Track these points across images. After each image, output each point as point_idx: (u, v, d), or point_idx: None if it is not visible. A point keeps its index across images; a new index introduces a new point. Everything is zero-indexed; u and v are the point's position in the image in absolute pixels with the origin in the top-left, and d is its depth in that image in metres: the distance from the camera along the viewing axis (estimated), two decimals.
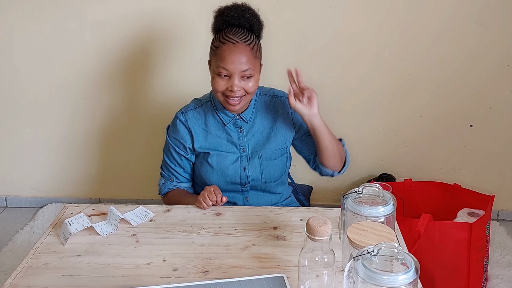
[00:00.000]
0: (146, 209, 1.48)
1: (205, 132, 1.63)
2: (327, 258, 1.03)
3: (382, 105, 2.40)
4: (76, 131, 2.55)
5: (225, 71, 1.49)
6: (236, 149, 1.63)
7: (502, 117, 2.39)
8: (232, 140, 1.63)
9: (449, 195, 2.16)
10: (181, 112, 1.65)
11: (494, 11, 2.21)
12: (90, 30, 2.36)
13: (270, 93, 1.68)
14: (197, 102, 1.66)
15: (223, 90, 1.51)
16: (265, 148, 1.64)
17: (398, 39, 2.29)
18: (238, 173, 1.63)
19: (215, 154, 1.62)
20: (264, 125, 1.65)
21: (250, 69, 1.50)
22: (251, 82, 1.51)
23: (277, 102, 1.67)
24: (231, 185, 1.65)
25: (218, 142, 1.63)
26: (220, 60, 1.49)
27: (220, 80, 1.50)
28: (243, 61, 1.48)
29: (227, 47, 1.49)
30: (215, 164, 1.62)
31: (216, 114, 1.62)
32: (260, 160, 1.64)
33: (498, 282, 2.04)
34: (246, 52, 1.49)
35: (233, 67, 1.48)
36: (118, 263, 1.24)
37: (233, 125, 1.62)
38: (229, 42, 1.49)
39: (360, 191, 1.18)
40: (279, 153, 1.66)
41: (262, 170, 1.64)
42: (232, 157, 1.62)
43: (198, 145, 1.63)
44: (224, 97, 1.53)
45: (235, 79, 1.49)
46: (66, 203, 1.95)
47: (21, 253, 2.25)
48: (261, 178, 1.65)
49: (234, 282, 1.13)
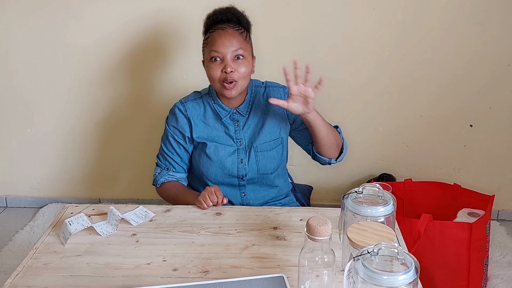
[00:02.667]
0: (146, 209, 1.48)
1: (203, 123, 1.66)
2: (327, 258, 1.03)
3: (382, 105, 2.40)
4: (76, 131, 2.55)
5: (217, 53, 1.54)
6: (233, 142, 1.66)
7: (502, 117, 2.38)
8: (229, 133, 1.66)
9: (449, 195, 2.16)
10: (181, 102, 1.69)
11: (495, 11, 2.21)
12: (89, 30, 2.36)
13: (263, 84, 1.72)
14: (197, 94, 1.71)
15: (219, 76, 1.55)
16: (259, 139, 1.66)
17: (398, 39, 2.28)
18: (235, 165, 1.65)
19: (212, 145, 1.65)
20: (259, 116, 1.68)
21: (241, 49, 1.55)
22: (244, 65, 1.55)
23: (270, 92, 1.69)
24: (228, 177, 1.66)
25: (216, 134, 1.66)
26: (211, 45, 1.56)
27: (214, 66, 1.55)
28: (233, 42, 1.55)
29: (217, 33, 1.57)
30: (213, 155, 1.64)
31: (213, 107, 1.66)
32: (256, 151, 1.66)
33: (498, 282, 2.04)
34: (236, 34, 1.56)
35: (224, 49, 1.54)
36: (118, 263, 1.24)
37: (230, 118, 1.66)
38: (218, 30, 1.57)
39: (360, 191, 1.18)
40: (274, 144, 1.68)
41: (258, 161, 1.66)
42: (229, 150, 1.65)
43: (197, 135, 1.65)
44: (220, 83, 1.56)
45: (227, 59, 1.54)
46: (66, 203, 1.96)
47: (21, 253, 2.25)
48: (257, 169, 1.67)
49: (234, 282, 1.13)
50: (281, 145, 1.70)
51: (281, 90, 1.71)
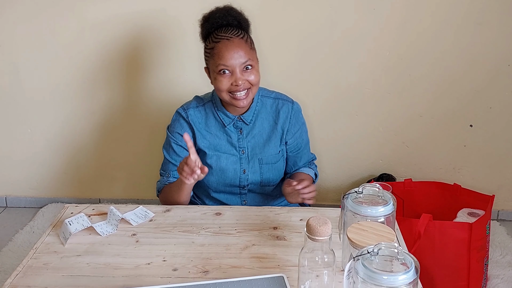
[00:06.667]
0: (146, 209, 1.48)
1: (205, 131, 1.62)
2: (327, 258, 1.03)
3: (382, 105, 2.40)
4: (76, 131, 2.55)
5: (226, 67, 1.49)
6: (235, 151, 1.63)
7: (502, 117, 2.39)
8: (231, 141, 1.62)
9: (449, 195, 2.16)
10: (183, 108, 1.64)
11: (494, 11, 2.21)
12: (89, 30, 2.36)
13: (272, 95, 1.67)
14: (199, 101, 1.65)
15: (227, 88, 1.51)
16: (265, 152, 1.63)
17: (398, 39, 2.28)
18: (237, 176, 1.63)
19: (214, 155, 1.61)
20: (265, 127, 1.64)
21: (250, 60, 1.51)
22: (253, 74, 1.52)
23: (279, 104, 1.66)
24: (229, 187, 1.65)
25: (218, 142, 1.62)
26: (218, 59, 1.50)
27: (223, 79, 1.50)
28: (241, 54, 1.49)
29: (223, 44, 1.50)
30: (214, 165, 1.62)
31: (216, 115, 1.62)
32: (261, 163, 1.63)
33: (498, 282, 2.04)
34: (242, 44, 1.51)
35: (233, 62, 1.49)
36: (118, 263, 1.24)
37: (234, 126, 1.62)
38: (223, 39, 1.50)
39: (360, 191, 1.18)
40: (278, 157, 1.66)
41: (262, 174, 1.64)
42: (231, 159, 1.62)
43: (199, 143, 1.62)
44: (229, 95, 1.52)
45: (237, 73, 1.49)
46: (66, 203, 1.95)
47: (21, 253, 2.25)
48: (261, 181, 1.65)
49: (234, 282, 1.13)
50: (282, 157, 1.69)
51: (290, 105, 1.66)
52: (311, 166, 1.75)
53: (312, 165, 1.76)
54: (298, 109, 1.68)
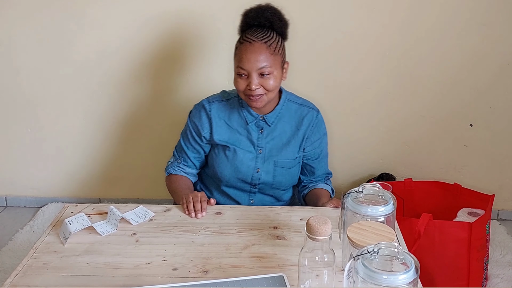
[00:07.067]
0: (146, 209, 1.48)
1: (227, 125, 1.64)
2: (327, 257, 1.03)
3: (382, 105, 2.40)
4: (76, 131, 2.54)
5: (243, 70, 1.51)
6: (253, 149, 1.64)
7: (503, 117, 2.38)
8: (251, 138, 1.64)
9: (449, 195, 2.16)
10: (207, 101, 1.67)
11: (494, 11, 2.21)
12: (90, 31, 2.35)
13: (298, 101, 1.69)
14: (225, 95, 1.68)
15: (243, 89, 1.53)
16: (282, 155, 1.65)
17: (399, 39, 2.28)
18: (250, 173, 1.64)
19: (232, 148, 1.63)
20: (286, 131, 1.65)
21: (268, 66, 1.51)
22: (270, 80, 1.52)
23: (304, 111, 1.67)
24: (241, 182, 1.66)
25: (238, 138, 1.64)
26: (238, 61, 1.53)
27: (240, 80, 1.53)
28: (259, 59, 1.50)
29: (244, 47, 1.52)
30: (231, 157, 1.63)
31: (241, 111, 1.64)
32: (275, 166, 1.65)
33: (498, 281, 2.04)
34: (262, 49, 1.51)
35: (250, 66, 1.50)
36: (118, 262, 1.24)
37: (255, 125, 1.64)
38: (246, 42, 1.52)
39: (360, 190, 1.18)
40: (295, 162, 1.67)
41: (275, 176, 1.65)
42: (247, 156, 1.64)
43: (218, 137, 1.64)
44: (245, 95, 1.55)
45: (253, 77, 1.50)
46: (66, 202, 1.95)
47: (21, 252, 2.24)
48: (272, 183, 1.66)
49: (234, 281, 1.13)
50: (298, 164, 1.70)
51: (315, 114, 1.67)
52: (327, 182, 1.77)
53: (328, 180, 1.78)
54: (322, 119, 1.70)
